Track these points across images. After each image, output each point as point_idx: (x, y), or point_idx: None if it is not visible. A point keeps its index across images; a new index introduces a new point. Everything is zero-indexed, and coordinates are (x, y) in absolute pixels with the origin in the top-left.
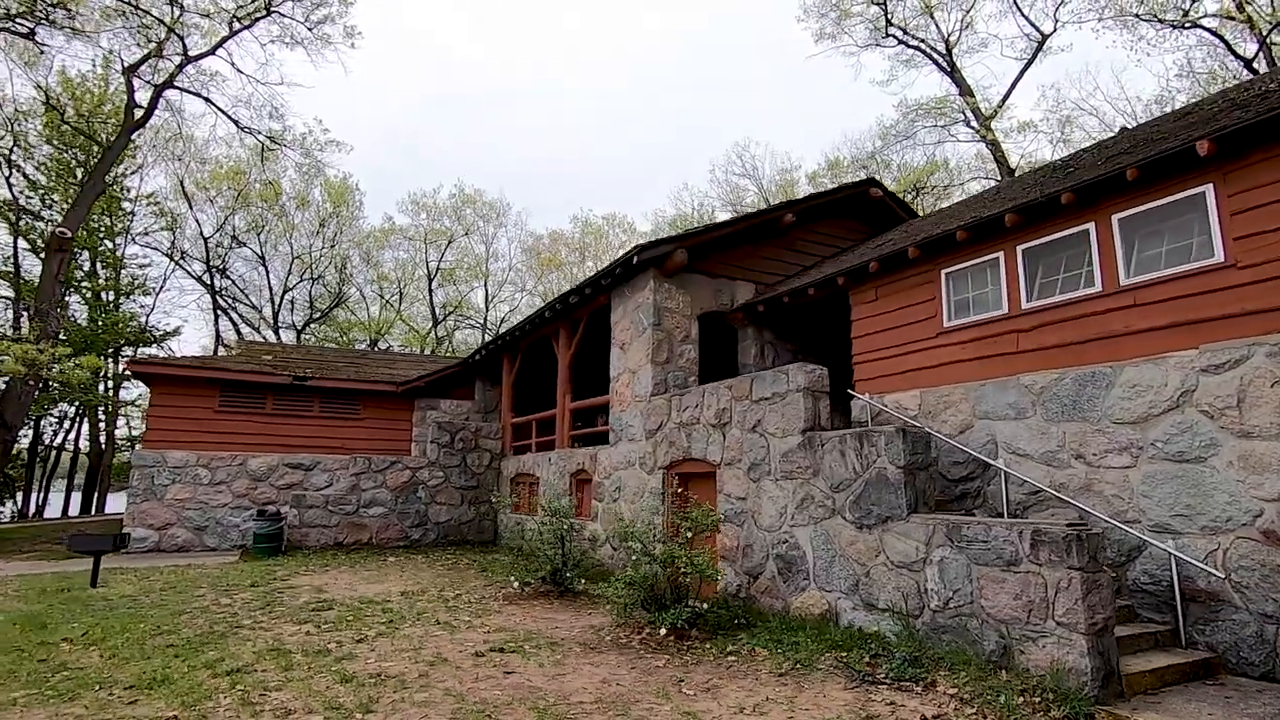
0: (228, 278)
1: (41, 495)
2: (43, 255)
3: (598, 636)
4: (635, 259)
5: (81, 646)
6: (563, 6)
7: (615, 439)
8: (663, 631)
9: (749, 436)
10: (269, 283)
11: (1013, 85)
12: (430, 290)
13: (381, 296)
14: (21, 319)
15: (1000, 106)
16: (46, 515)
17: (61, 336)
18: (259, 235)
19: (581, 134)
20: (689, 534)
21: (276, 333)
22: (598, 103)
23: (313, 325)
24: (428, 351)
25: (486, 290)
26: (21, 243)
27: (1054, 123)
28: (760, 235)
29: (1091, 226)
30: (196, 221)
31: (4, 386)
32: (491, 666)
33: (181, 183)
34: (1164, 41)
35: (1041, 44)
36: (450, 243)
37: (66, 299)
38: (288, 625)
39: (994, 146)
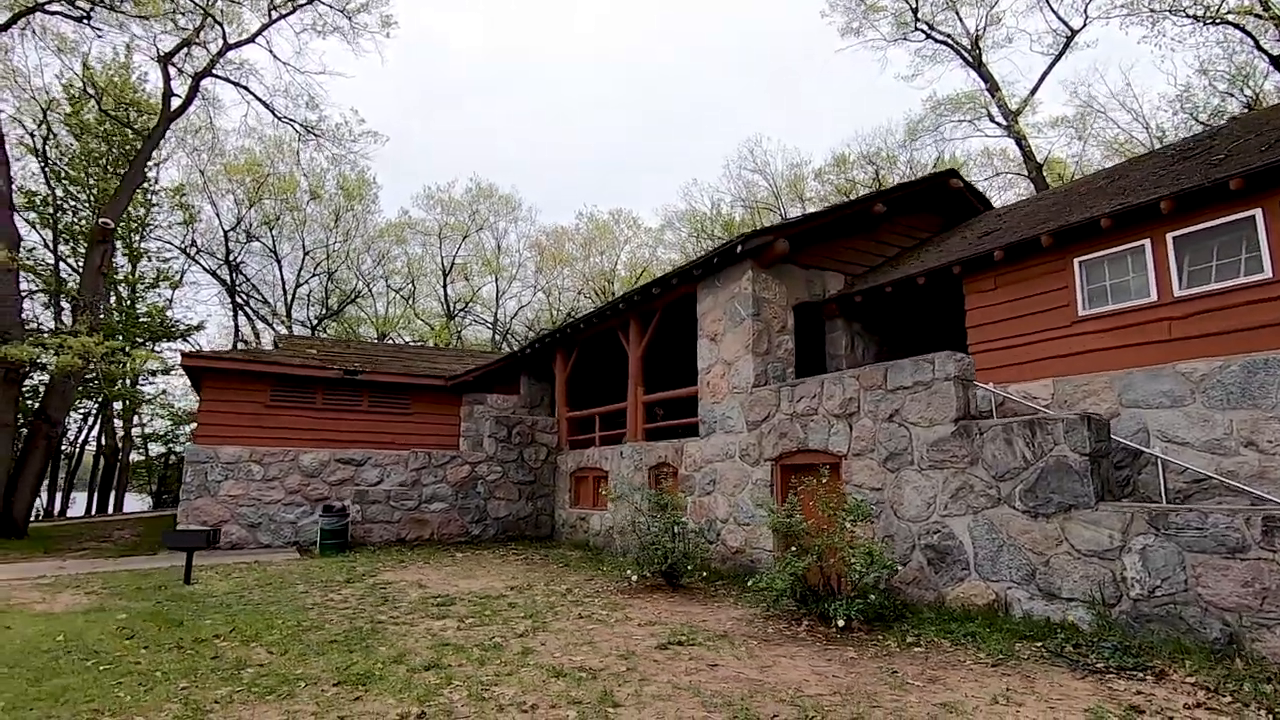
0: (242, 274)
1: (64, 495)
2: (85, 246)
3: (755, 629)
4: (739, 248)
5: (239, 643)
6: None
7: (707, 431)
8: (840, 623)
9: (885, 426)
10: (281, 278)
11: (1040, 80)
12: (445, 285)
13: (396, 291)
14: (63, 313)
15: (1027, 102)
16: (70, 515)
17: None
18: (271, 230)
19: (584, 130)
20: (849, 525)
21: (289, 329)
22: (597, 97)
23: (325, 321)
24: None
25: (498, 286)
26: (48, 234)
27: (1083, 118)
28: (849, 226)
29: (1259, 213)
30: (217, 215)
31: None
32: (688, 659)
33: (202, 174)
34: (1188, 37)
35: (1070, 39)
36: (465, 237)
37: (108, 291)
38: (427, 620)
39: (1021, 142)
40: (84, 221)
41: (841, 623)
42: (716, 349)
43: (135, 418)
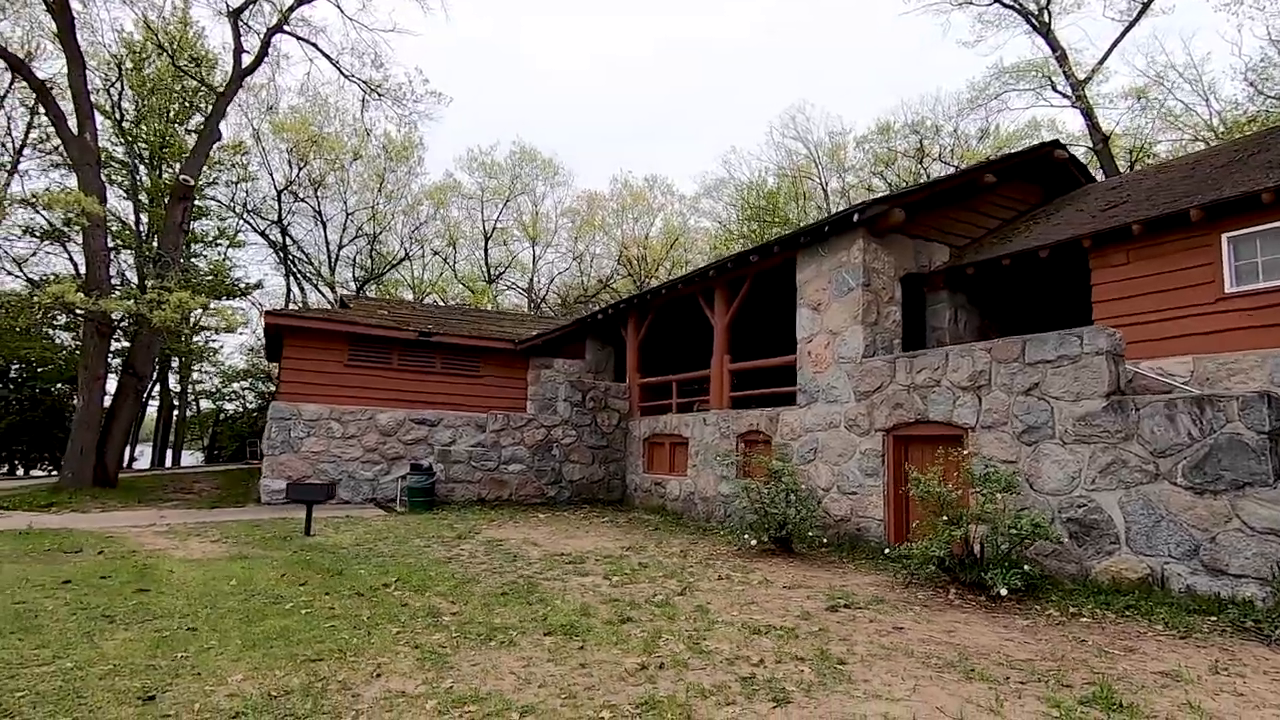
0: (289, 235)
1: (130, 448)
2: (165, 204)
3: (905, 596)
4: (855, 216)
5: (411, 593)
6: None
7: (807, 400)
8: (1002, 592)
9: (1021, 400)
10: (325, 240)
11: (1110, 48)
12: (486, 249)
13: (436, 254)
14: (145, 269)
15: (1096, 71)
16: (137, 467)
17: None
18: (317, 192)
19: (618, 93)
20: (998, 495)
21: (333, 290)
22: (633, 60)
23: (366, 284)
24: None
25: (534, 252)
26: (118, 191)
27: (1146, 90)
28: (956, 197)
29: None
30: (270, 175)
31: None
32: (868, 622)
33: (256, 135)
34: (1269, 5)
35: (1148, 4)
36: (507, 201)
37: (187, 247)
38: (573, 577)
39: (1089, 114)
40: (151, 178)
41: (1003, 591)
42: (820, 318)
43: (193, 375)
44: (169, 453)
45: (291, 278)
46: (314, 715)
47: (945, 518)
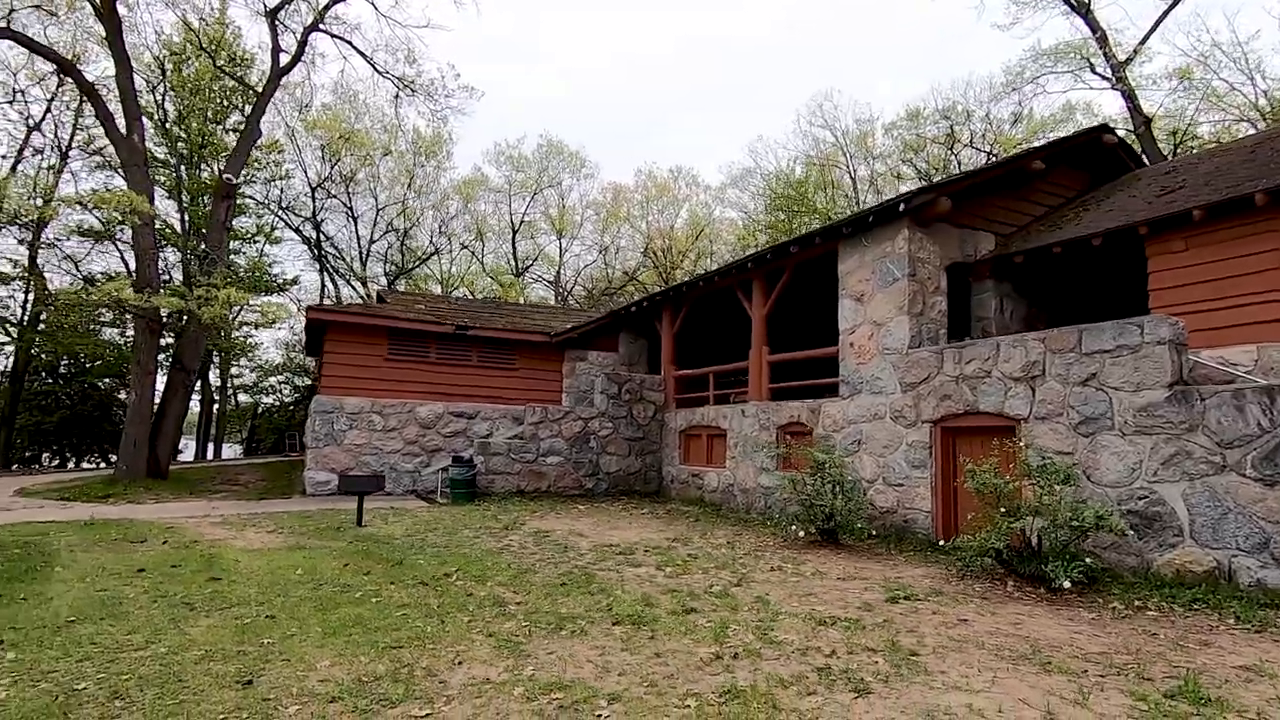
0: (322, 231)
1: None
2: (209, 201)
3: (962, 588)
4: (901, 206)
5: (473, 582)
6: None
7: (850, 391)
8: (1065, 585)
9: (1077, 390)
10: (357, 235)
11: (1153, 27)
12: (514, 242)
13: (464, 247)
14: (189, 266)
15: (1137, 51)
16: (181, 460)
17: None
18: (348, 188)
19: (643, 90)
20: (1054, 485)
21: (365, 285)
22: (650, 52)
23: (397, 279)
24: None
25: (561, 244)
26: (160, 190)
27: (1191, 69)
28: (1002, 184)
29: None
30: (304, 172)
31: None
32: (931, 614)
33: (290, 133)
34: None
35: None
36: (535, 195)
37: (230, 244)
38: (626, 568)
39: (1130, 96)
40: (190, 177)
41: (1066, 584)
42: (863, 309)
43: (232, 369)
44: (210, 445)
45: (325, 273)
46: (407, 700)
47: (1003, 510)
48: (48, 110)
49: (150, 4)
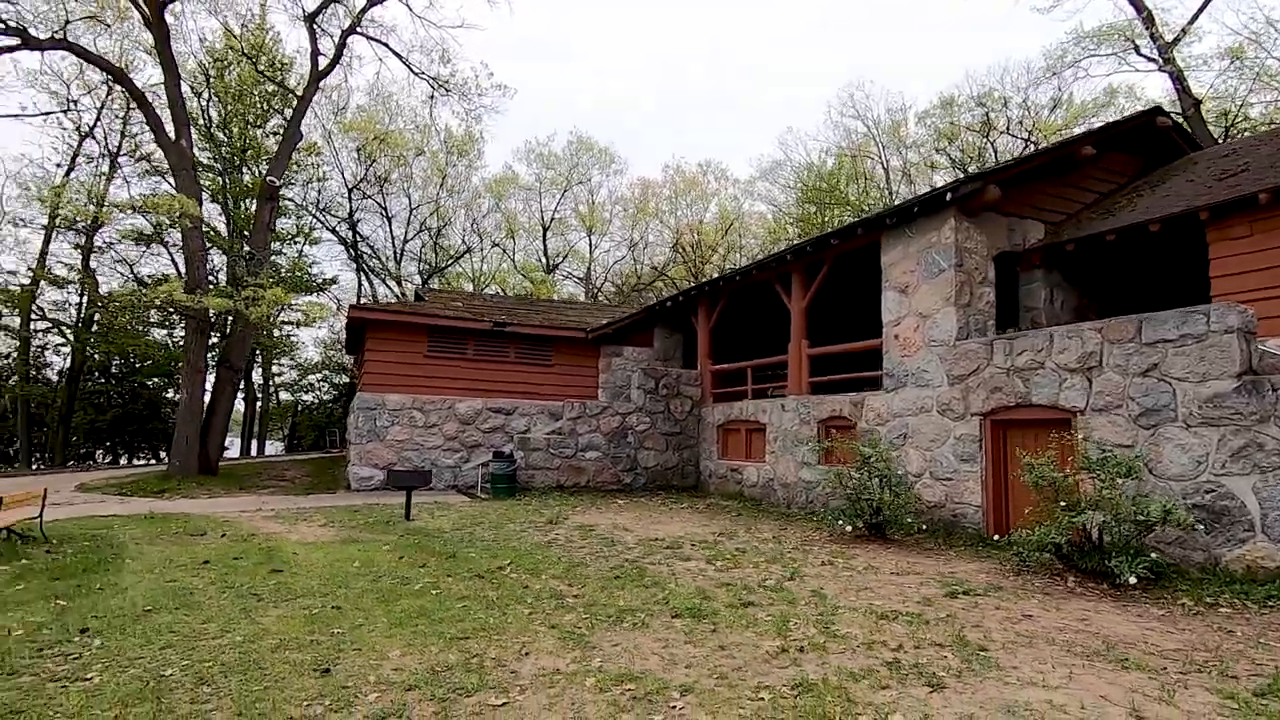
0: (358, 231)
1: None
2: (254, 203)
3: (1021, 583)
4: (947, 195)
5: (527, 575)
6: None
7: (895, 385)
8: (1131, 580)
9: (1137, 381)
10: (391, 235)
11: (1202, 6)
12: (545, 239)
13: (497, 246)
14: (235, 267)
15: (1186, 30)
16: (227, 457)
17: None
18: (382, 189)
19: (660, 77)
20: (1116, 479)
21: (399, 284)
22: (673, 47)
23: (430, 277)
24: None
25: (591, 241)
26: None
27: (1242, 48)
28: (1050, 171)
29: None
30: (341, 173)
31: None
32: (994, 609)
33: (327, 135)
34: None
35: None
36: (565, 191)
37: (273, 245)
38: (675, 562)
39: (1179, 78)
40: (233, 180)
41: (1132, 580)
42: (907, 301)
43: (273, 367)
44: (254, 442)
45: (361, 273)
46: (482, 689)
47: (1063, 504)
48: (98, 118)
49: (194, 12)
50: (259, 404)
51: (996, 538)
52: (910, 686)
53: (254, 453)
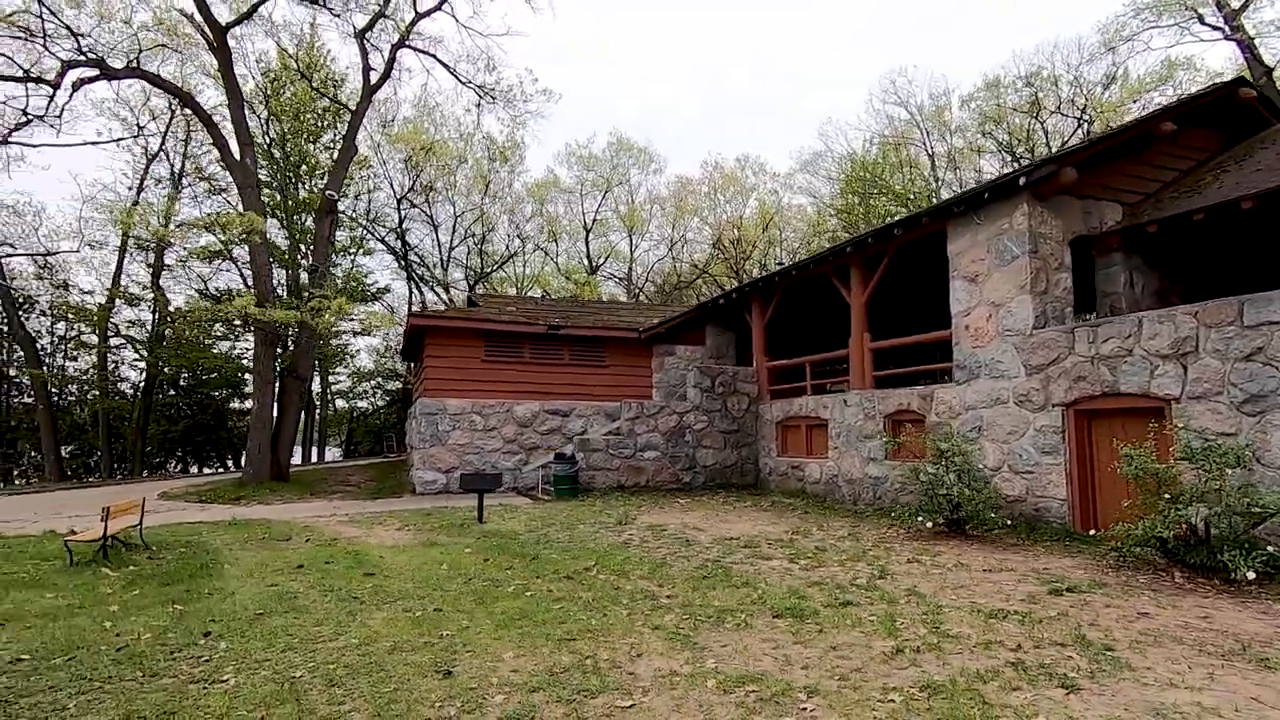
0: (406, 241)
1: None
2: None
3: (1124, 578)
4: (1021, 180)
5: (614, 575)
6: None
7: (967, 377)
8: (1250, 575)
9: (1240, 366)
10: (438, 243)
11: None
12: (587, 241)
13: (540, 249)
14: (298, 281)
15: None
16: (292, 463)
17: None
18: (428, 198)
19: (711, 85)
20: (1221, 469)
21: (446, 290)
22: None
23: (477, 283)
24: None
25: (631, 241)
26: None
27: None
28: (1126, 150)
29: None
30: (391, 185)
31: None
32: (1104, 607)
33: (376, 147)
34: None
35: None
36: (606, 193)
37: (332, 257)
38: (756, 561)
39: (1249, 46)
40: (289, 195)
41: (1250, 575)
42: (978, 290)
43: (329, 375)
44: (314, 449)
45: (411, 281)
46: (605, 691)
47: (1166, 496)
48: (163, 142)
49: (251, 35)
50: (318, 411)
51: (1086, 532)
52: (1042, 688)
53: (314, 459)
